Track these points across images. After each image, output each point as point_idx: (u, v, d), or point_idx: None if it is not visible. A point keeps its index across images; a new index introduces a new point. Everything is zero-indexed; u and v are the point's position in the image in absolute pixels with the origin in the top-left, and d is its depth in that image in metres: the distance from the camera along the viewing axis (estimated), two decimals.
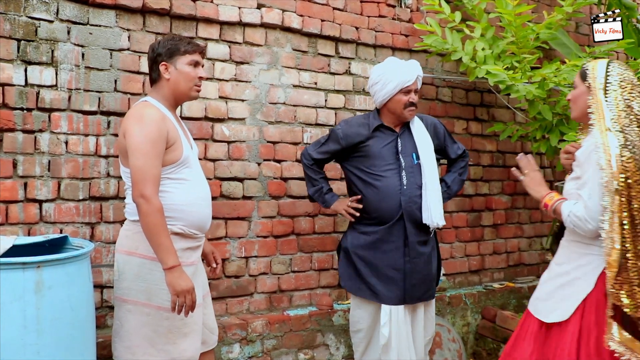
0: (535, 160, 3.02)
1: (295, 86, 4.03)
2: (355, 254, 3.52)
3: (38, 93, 3.20)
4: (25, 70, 3.16)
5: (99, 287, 3.35)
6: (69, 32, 3.28)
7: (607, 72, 2.67)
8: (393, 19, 4.44)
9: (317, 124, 4.12)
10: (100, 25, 3.37)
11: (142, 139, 2.63)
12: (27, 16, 3.17)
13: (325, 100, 4.17)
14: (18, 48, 3.14)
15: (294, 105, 4.03)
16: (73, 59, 3.28)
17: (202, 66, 2.92)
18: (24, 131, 3.16)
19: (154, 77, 2.86)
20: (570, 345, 2.59)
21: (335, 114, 4.20)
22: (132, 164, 2.63)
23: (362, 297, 3.51)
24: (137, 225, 2.71)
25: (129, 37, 3.45)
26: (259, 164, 3.89)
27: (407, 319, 3.45)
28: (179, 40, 2.85)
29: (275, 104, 3.95)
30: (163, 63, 2.81)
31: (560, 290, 2.70)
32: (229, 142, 3.78)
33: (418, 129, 3.54)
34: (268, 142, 3.93)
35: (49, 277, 2.53)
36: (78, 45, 3.30)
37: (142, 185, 2.58)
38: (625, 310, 2.48)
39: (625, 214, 2.48)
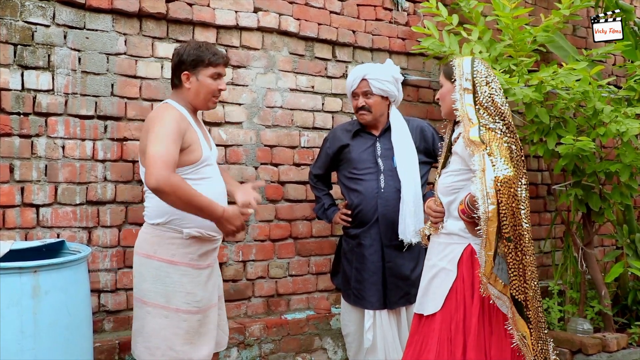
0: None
1: (292, 90, 4.03)
2: (345, 257, 3.59)
3: (35, 97, 3.20)
4: (22, 75, 3.16)
5: (96, 291, 3.34)
6: (65, 37, 3.28)
7: (473, 69, 2.72)
8: (390, 22, 4.44)
9: (314, 128, 4.12)
10: (96, 30, 3.36)
11: (157, 131, 2.64)
12: (23, 21, 3.17)
13: (323, 104, 4.17)
14: (15, 53, 3.14)
15: (291, 109, 4.03)
16: (70, 63, 3.28)
17: (224, 77, 2.95)
18: (21, 136, 3.16)
19: (176, 82, 2.90)
20: (440, 331, 2.68)
21: (333, 117, 4.20)
22: (147, 154, 2.60)
23: (348, 302, 3.57)
24: (155, 228, 2.77)
25: (125, 42, 3.45)
26: (256, 168, 3.89)
27: (391, 323, 3.48)
28: (205, 50, 2.85)
29: (272, 107, 3.95)
30: (185, 72, 2.84)
31: (431, 283, 2.79)
32: (226, 146, 3.78)
33: (398, 132, 3.52)
34: (265, 145, 3.92)
35: (46, 282, 2.52)
36: (74, 49, 3.30)
37: (153, 169, 2.53)
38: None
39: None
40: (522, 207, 2.56)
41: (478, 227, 2.54)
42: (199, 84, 2.85)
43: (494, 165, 2.49)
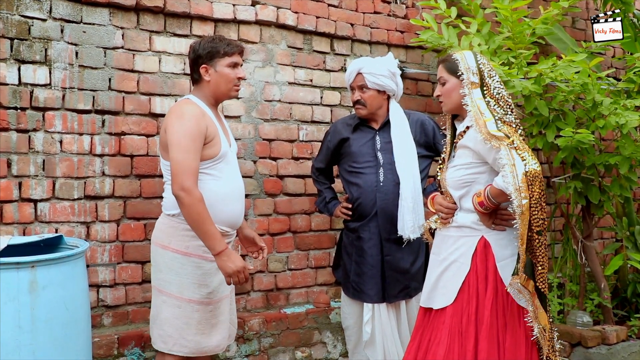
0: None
1: (290, 83, 4.02)
2: (345, 251, 3.60)
3: (32, 92, 3.18)
4: (19, 69, 3.15)
5: (95, 286, 3.34)
6: (62, 31, 3.27)
7: (477, 62, 2.71)
8: (388, 15, 4.42)
9: (313, 121, 4.11)
10: (93, 24, 3.35)
11: (182, 134, 2.72)
12: (20, 15, 3.15)
13: (321, 98, 4.15)
14: (11, 47, 3.13)
15: (290, 103, 4.02)
16: (67, 57, 3.27)
17: (241, 66, 3.00)
18: (18, 130, 3.15)
19: (195, 77, 2.96)
20: (451, 324, 2.65)
21: (331, 111, 4.19)
22: (172, 157, 2.72)
23: (347, 295, 3.57)
24: (171, 219, 2.83)
25: (122, 35, 3.44)
26: (254, 162, 3.88)
27: (390, 316, 3.47)
28: (219, 42, 2.92)
29: (270, 101, 3.94)
30: (203, 66, 2.90)
31: (442, 276, 2.75)
32: None
33: (398, 127, 3.49)
34: (264, 139, 3.92)
35: (44, 277, 2.52)
36: (72, 43, 3.29)
37: (181, 178, 2.66)
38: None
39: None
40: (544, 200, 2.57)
41: (515, 222, 2.53)
42: (218, 75, 2.91)
43: (524, 160, 2.48)
